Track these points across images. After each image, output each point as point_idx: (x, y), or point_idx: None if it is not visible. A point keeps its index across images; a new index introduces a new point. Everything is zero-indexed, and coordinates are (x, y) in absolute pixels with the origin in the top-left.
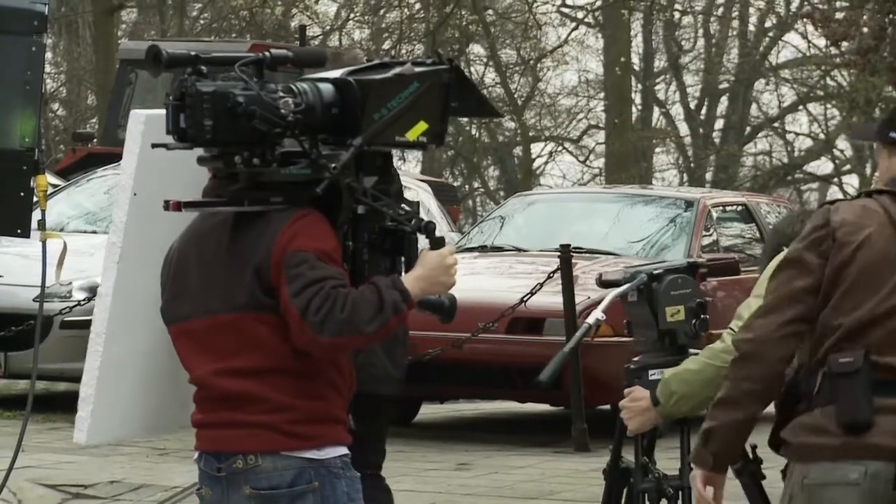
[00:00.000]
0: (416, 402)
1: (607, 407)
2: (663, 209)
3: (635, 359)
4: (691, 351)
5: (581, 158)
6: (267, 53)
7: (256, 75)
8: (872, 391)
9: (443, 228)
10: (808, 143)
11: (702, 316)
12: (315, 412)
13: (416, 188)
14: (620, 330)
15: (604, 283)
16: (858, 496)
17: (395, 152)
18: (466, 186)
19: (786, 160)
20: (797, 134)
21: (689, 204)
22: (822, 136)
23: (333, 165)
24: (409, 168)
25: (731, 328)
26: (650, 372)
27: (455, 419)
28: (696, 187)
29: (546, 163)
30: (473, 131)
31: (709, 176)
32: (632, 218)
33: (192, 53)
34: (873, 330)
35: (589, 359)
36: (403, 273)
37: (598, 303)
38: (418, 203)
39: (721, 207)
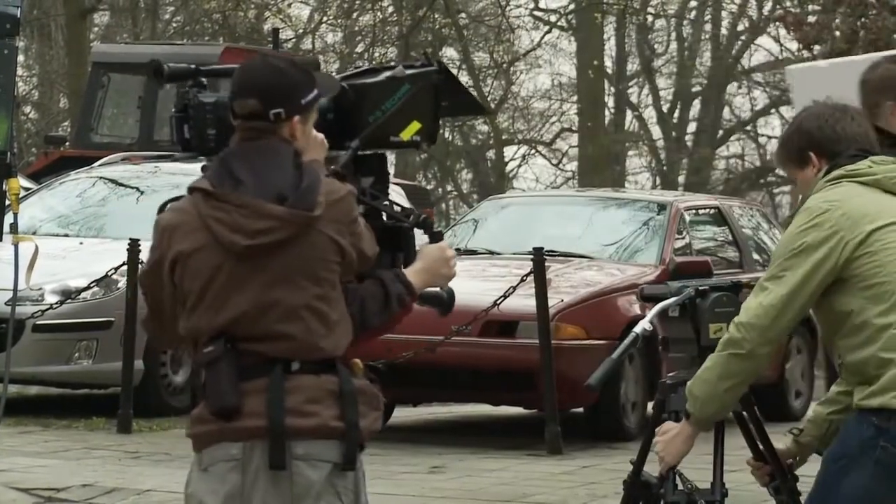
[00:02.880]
0: (389, 406)
1: (580, 410)
2: (636, 212)
3: (671, 374)
4: None
5: (554, 162)
6: None
7: None
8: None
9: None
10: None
11: None
12: None
13: (389, 191)
14: (593, 333)
15: (646, 297)
16: None
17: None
18: (440, 189)
19: (758, 163)
20: (770, 137)
21: (661, 207)
22: None
23: (333, 167)
24: None
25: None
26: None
27: (428, 422)
28: (668, 190)
29: (519, 166)
30: (447, 134)
31: (681, 179)
32: (605, 221)
33: (193, 66)
34: None
35: (562, 362)
36: (402, 267)
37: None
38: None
39: (694, 210)
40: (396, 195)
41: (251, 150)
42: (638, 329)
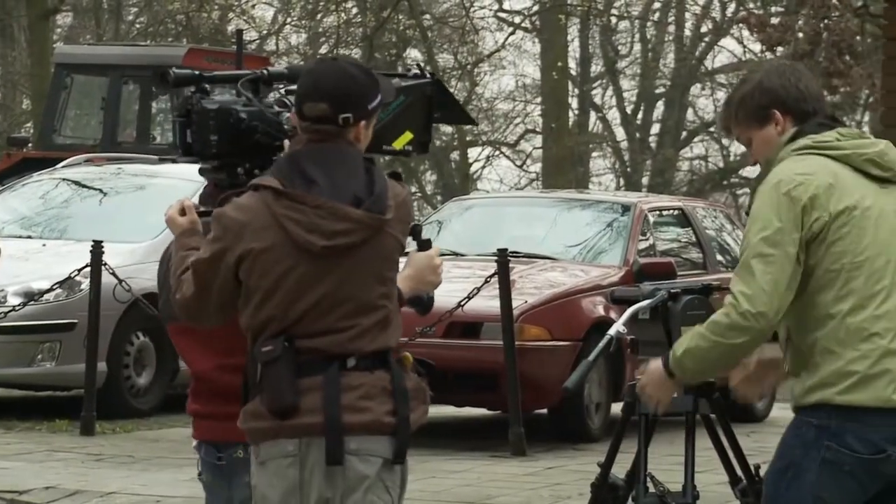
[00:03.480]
0: None
1: (544, 411)
2: (600, 213)
3: (640, 376)
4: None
5: (518, 163)
6: (265, 71)
7: (254, 92)
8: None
9: None
10: (744, 148)
11: None
12: None
13: None
14: (556, 334)
15: (617, 300)
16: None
17: None
18: None
19: (721, 165)
20: (732, 140)
21: (625, 208)
22: None
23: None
24: None
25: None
26: None
27: None
28: (632, 192)
29: (483, 167)
30: None
31: (645, 180)
32: (569, 222)
33: (197, 73)
34: None
35: (526, 363)
36: None
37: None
38: None
39: (657, 212)
40: None
41: (322, 152)
42: (612, 331)
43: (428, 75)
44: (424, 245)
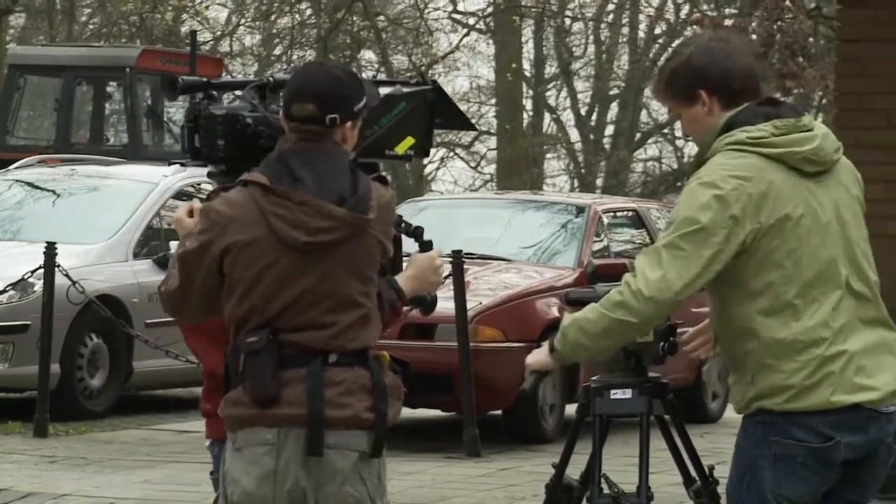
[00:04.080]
0: None
1: (499, 412)
2: (554, 215)
3: (595, 377)
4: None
5: (472, 164)
6: (270, 78)
7: (260, 97)
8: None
9: None
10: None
11: (671, 339)
12: None
13: None
14: (511, 336)
15: (571, 301)
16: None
17: None
18: None
19: (675, 166)
20: (687, 140)
21: (580, 210)
22: None
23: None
24: None
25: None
26: (612, 392)
27: None
28: (586, 193)
29: (437, 169)
30: None
31: (599, 182)
32: (523, 224)
33: (205, 80)
34: None
35: (480, 364)
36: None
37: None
38: None
39: (612, 213)
40: None
41: (309, 151)
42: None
43: (429, 83)
44: (426, 246)
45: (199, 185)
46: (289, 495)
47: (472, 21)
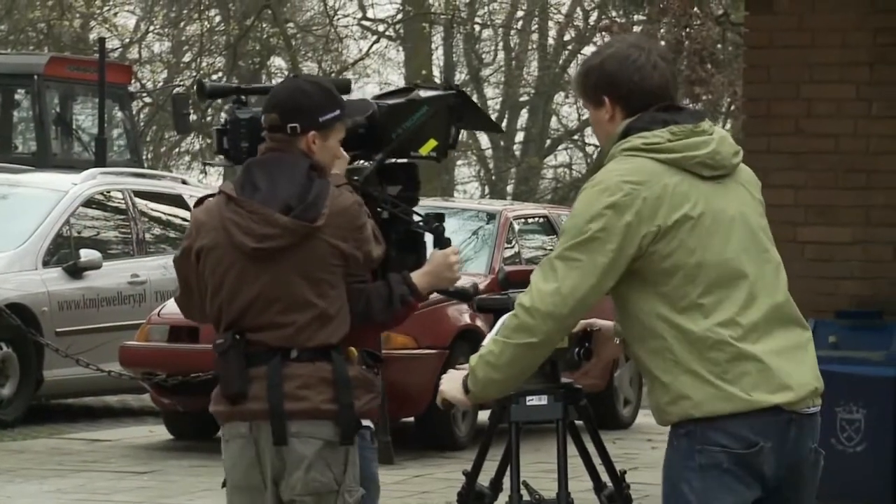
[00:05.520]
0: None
1: (411, 419)
2: (465, 221)
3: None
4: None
5: None
6: None
7: None
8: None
9: None
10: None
11: (586, 344)
12: None
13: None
14: (423, 343)
15: (482, 308)
16: None
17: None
18: None
19: (585, 172)
20: (596, 146)
21: (490, 216)
22: None
23: (356, 178)
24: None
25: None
26: (528, 398)
27: None
28: (497, 199)
29: None
30: None
31: (510, 188)
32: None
33: (234, 85)
34: None
35: (392, 371)
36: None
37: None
38: None
39: (523, 219)
40: None
41: (272, 160)
42: (486, 342)
43: (452, 89)
44: (444, 243)
45: (108, 192)
46: (273, 481)
47: (381, 28)
